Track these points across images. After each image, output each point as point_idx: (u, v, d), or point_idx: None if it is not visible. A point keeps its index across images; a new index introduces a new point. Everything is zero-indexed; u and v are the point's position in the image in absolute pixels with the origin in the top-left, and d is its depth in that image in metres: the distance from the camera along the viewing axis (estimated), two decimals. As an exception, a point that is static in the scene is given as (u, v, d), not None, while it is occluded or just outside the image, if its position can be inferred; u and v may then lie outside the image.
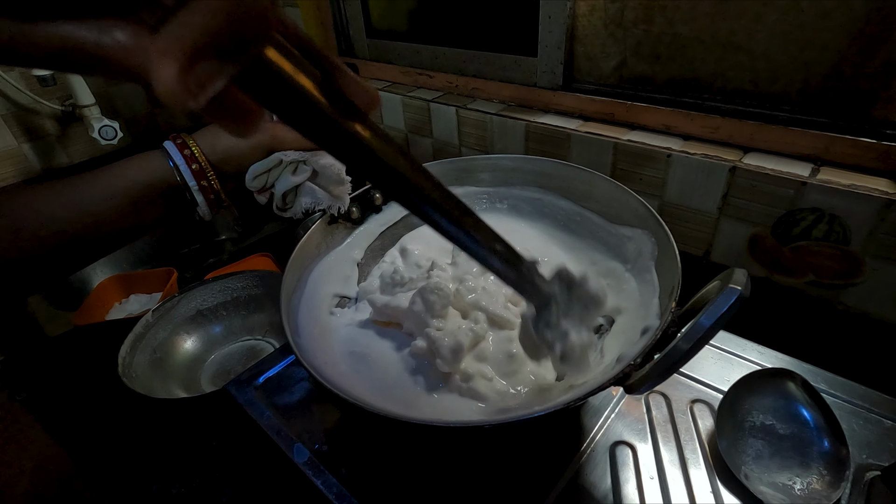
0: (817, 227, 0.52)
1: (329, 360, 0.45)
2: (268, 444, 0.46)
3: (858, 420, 0.43)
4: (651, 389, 0.33)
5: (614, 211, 0.54)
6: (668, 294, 0.40)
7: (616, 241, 0.54)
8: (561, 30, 0.68)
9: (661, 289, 0.44)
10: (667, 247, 0.44)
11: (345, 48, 1.02)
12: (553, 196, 0.61)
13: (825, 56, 0.52)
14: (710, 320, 0.29)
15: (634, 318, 0.44)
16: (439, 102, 0.81)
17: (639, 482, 0.40)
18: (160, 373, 0.65)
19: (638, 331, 0.41)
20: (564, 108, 0.72)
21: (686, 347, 0.30)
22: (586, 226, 0.57)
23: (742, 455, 0.40)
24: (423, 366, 0.45)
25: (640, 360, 0.34)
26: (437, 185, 0.27)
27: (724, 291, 0.30)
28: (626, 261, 0.52)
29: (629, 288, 0.49)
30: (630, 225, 0.52)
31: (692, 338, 0.30)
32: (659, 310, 0.42)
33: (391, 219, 0.62)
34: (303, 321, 0.47)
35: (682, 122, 0.62)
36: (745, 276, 0.31)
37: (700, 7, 0.57)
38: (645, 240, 0.49)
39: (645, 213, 0.49)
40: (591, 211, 0.57)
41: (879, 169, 0.50)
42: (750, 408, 0.42)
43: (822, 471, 0.38)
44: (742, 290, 0.29)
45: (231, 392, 0.50)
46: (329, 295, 0.53)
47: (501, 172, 0.63)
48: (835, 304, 0.54)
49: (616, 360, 0.40)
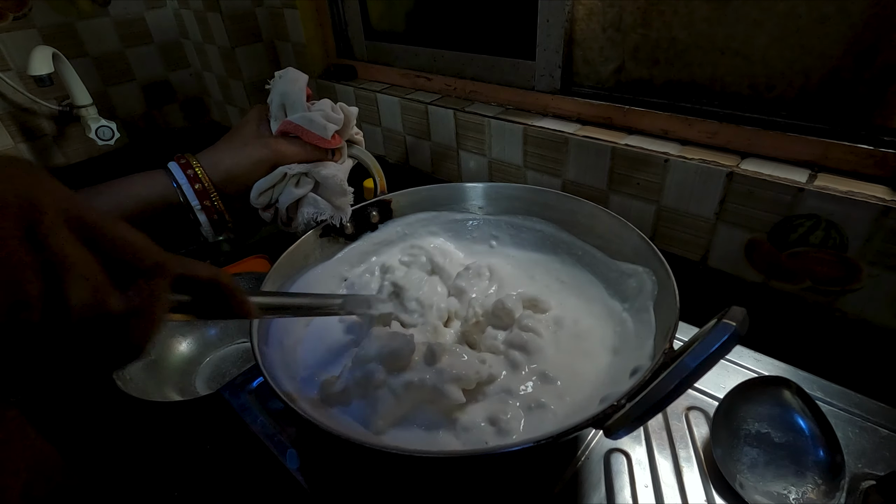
0: (814, 234, 0.52)
1: (291, 374, 0.44)
2: (261, 449, 0.46)
3: (854, 429, 0.43)
4: (630, 433, 0.30)
5: (615, 246, 0.53)
6: (664, 335, 0.38)
7: (616, 278, 0.52)
8: (559, 33, 0.68)
9: (658, 329, 0.42)
10: (667, 284, 0.42)
11: (343, 50, 1.02)
12: (554, 228, 0.59)
13: (823, 62, 0.52)
14: (696, 360, 0.27)
15: (627, 359, 0.43)
16: (438, 105, 0.81)
17: (633, 490, 0.40)
18: (154, 375, 0.65)
19: (628, 372, 0.40)
20: (562, 111, 0.72)
21: (668, 389, 0.28)
22: (587, 260, 0.56)
23: (737, 463, 0.40)
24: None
25: (623, 402, 0.31)
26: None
27: (716, 328, 0.28)
28: (626, 299, 0.50)
29: (625, 329, 0.47)
30: (631, 261, 0.50)
31: (675, 378, 0.28)
32: (653, 351, 0.40)
33: (386, 238, 0.61)
34: (275, 331, 0.46)
35: (680, 126, 0.61)
36: (743, 314, 0.29)
37: (698, 12, 0.57)
38: (645, 278, 0.47)
39: (646, 251, 0.47)
40: (592, 245, 0.56)
41: (877, 175, 0.50)
42: (745, 415, 0.42)
43: (817, 480, 0.38)
44: (737, 327, 0.27)
45: (225, 396, 0.50)
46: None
47: (505, 201, 0.62)
48: (832, 310, 0.54)
49: (599, 401, 0.38)
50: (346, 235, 0.58)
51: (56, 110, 0.98)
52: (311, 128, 0.51)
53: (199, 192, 0.49)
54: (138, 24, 1.10)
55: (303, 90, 0.53)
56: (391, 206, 0.61)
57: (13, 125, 0.96)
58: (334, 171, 0.53)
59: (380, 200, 0.60)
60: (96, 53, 1.05)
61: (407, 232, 0.62)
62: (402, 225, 0.62)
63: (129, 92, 1.13)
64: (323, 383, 0.43)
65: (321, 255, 0.56)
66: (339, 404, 0.42)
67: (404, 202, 0.62)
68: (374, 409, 0.40)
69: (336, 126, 0.53)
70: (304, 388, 0.44)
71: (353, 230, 0.58)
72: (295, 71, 0.55)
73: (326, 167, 0.53)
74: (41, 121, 1.00)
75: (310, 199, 0.54)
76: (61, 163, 1.04)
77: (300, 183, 0.53)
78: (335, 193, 0.53)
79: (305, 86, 0.54)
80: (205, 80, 1.23)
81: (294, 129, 0.52)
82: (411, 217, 0.62)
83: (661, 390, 0.28)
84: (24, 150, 0.98)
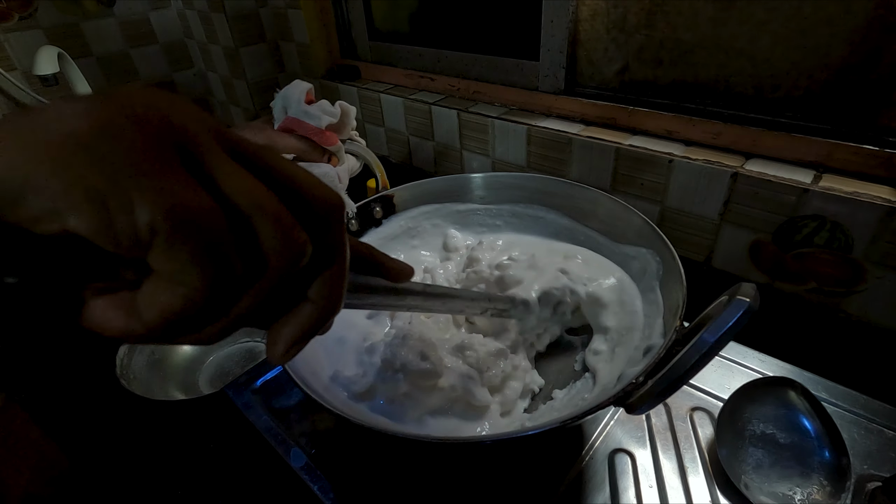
0: (819, 235, 0.51)
1: (315, 369, 0.44)
2: (264, 448, 0.46)
3: (860, 430, 0.43)
4: (652, 408, 0.32)
5: (619, 230, 0.53)
6: (673, 313, 0.39)
7: (620, 261, 0.53)
8: (563, 34, 0.68)
9: (666, 308, 0.43)
10: (672, 265, 0.43)
11: (347, 51, 1.02)
12: (556, 214, 0.60)
13: (828, 62, 0.52)
14: (714, 335, 0.29)
15: (638, 338, 0.43)
16: (441, 106, 0.81)
17: (637, 490, 0.40)
18: (158, 374, 0.65)
19: (641, 351, 0.40)
20: (566, 112, 0.72)
21: (688, 364, 0.29)
22: (590, 245, 0.56)
23: (742, 464, 0.40)
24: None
25: (642, 379, 0.33)
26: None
27: (731, 304, 0.29)
28: (632, 280, 0.50)
29: (634, 308, 0.47)
30: (634, 244, 0.51)
31: (695, 354, 0.29)
32: (663, 329, 0.41)
33: (391, 233, 0.62)
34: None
35: (684, 127, 0.61)
36: (754, 290, 0.30)
37: (703, 12, 0.57)
38: (649, 259, 0.48)
39: (649, 232, 0.48)
40: (594, 230, 0.56)
41: (882, 176, 0.50)
42: (750, 416, 0.42)
43: (822, 481, 0.38)
44: (751, 303, 0.29)
45: (229, 395, 0.50)
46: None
47: (505, 190, 0.62)
48: (837, 311, 0.54)
49: (617, 380, 0.39)
50: (351, 232, 0.58)
51: (61, 110, 0.98)
52: (306, 118, 0.52)
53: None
54: (143, 25, 1.10)
55: (303, 94, 0.54)
56: (394, 200, 0.61)
57: (18, 125, 0.96)
58: (326, 170, 0.53)
59: (382, 196, 0.60)
60: (101, 53, 1.06)
61: (411, 225, 0.62)
62: (406, 219, 0.62)
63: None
64: (349, 380, 0.44)
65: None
66: (365, 400, 0.43)
67: (406, 196, 0.62)
68: (401, 411, 0.41)
69: (332, 119, 0.53)
70: (332, 385, 0.44)
71: (357, 226, 0.58)
72: (299, 81, 0.56)
73: (320, 167, 0.54)
74: (46, 120, 1.00)
75: None
76: (66, 162, 1.05)
77: None
78: None
79: (307, 92, 0.55)
80: (209, 80, 1.23)
81: (291, 124, 0.52)
82: (414, 210, 0.62)
83: (681, 366, 0.30)
84: (28, 149, 0.99)
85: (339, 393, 0.42)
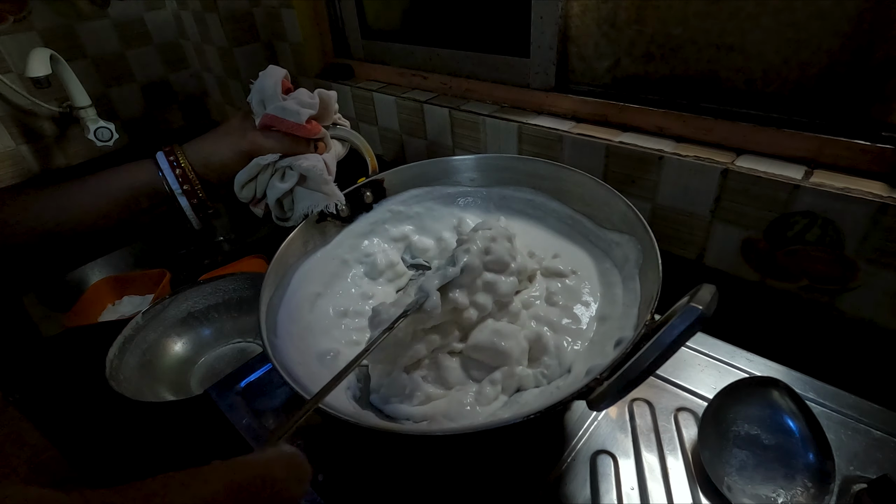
0: (811, 231, 0.51)
1: (303, 361, 0.44)
2: (247, 450, 0.46)
3: (846, 430, 0.42)
4: (612, 405, 0.31)
5: (604, 214, 0.53)
6: (647, 305, 0.38)
7: (605, 247, 0.53)
8: (553, 30, 0.67)
9: (642, 299, 0.42)
10: (650, 254, 0.42)
11: (340, 49, 1.02)
12: (545, 198, 0.59)
13: (819, 56, 0.51)
14: (669, 338, 0.28)
15: (614, 328, 0.43)
16: (433, 104, 0.80)
17: (619, 493, 0.39)
18: (150, 375, 0.65)
19: (613, 343, 0.39)
20: (557, 109, 0.72)
21: (644, 365, 0.28)
22: (578, 228, 0.56)
23: (725, 466, 0.39)
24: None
25: (606, 374, 0.32)
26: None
27: (684, 310, 0.28)
28: (615, 266, 0.50)
29: (615, 295, 0.47)
30: (619, 230, 0.50)
31: (651, 355, 0.28)
32: (636, 321, 0.40)
33: (381, 218, 0.61)
34: (282, 320, 0.46)
35: (675, 123, 0.60)
36: (711, 294, 0.30)
37: (693, 7, 0.56)
38: (632, 246, 0.47)
39: (633, 218, 0.47)
40: (581, 214, 0.56)
41: (873, 171, 0.49)
42: (735, 417, 0.41)
43: (806, 483, 0.37)
44: (703, 310, 0.28)
45: (212, 396, 0.50)
46: (312, 294, 0.53)
47: (496, 172, 0.62)
48: (830, 309, 0.53)
49: (585, 373, 0.38)
50: (342, 218, 0.58)
51: (57, 112, 0.99)
52: (285, 115, 0.51)
53: (179, 177, 0.52)
54: (137, 26, 1.11)
55: (278, 83, 0.53)
56: (384, 185, 0.61)
57: (14, 127, 0.97)
58: (314, 162, 0.53)
59: (372, 180, 0.60)
60: (96, 55, 1.06)
61: (401, 209, 0.62)
62: (396, 202, 0.62)
63: (129, 93, 1.14)
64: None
65: (320, 241, 0.57)
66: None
67: (396, 180, 0.61)
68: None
69: (311, 111, 0.52)
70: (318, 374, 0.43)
71: (349, 213, 0.58)
72: (273, 67, 0.55)
73: (308, 159, 0.53)
74: (42, 122, 1.00)
75: (302, 193, 0.54)
76: (62, 164, 1.05)
77: (285, 177, 0.53)
78: (320, 183, 0.53)
79: (282, 79, 0.54)
80: (204, 80, 1.23)
81: (270, 121, 0.52)
82: (404, 194, 0.62)
83: (638, 367, 0.29)
84: (25, 151, 0.99)
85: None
